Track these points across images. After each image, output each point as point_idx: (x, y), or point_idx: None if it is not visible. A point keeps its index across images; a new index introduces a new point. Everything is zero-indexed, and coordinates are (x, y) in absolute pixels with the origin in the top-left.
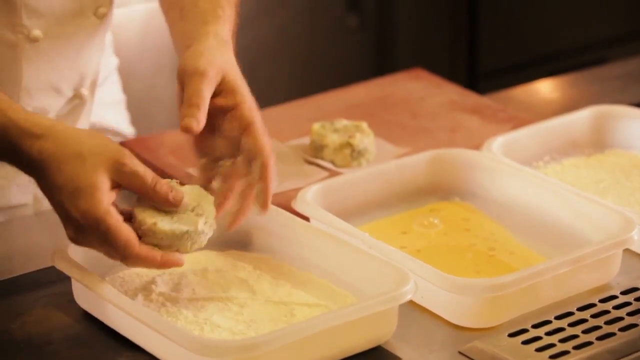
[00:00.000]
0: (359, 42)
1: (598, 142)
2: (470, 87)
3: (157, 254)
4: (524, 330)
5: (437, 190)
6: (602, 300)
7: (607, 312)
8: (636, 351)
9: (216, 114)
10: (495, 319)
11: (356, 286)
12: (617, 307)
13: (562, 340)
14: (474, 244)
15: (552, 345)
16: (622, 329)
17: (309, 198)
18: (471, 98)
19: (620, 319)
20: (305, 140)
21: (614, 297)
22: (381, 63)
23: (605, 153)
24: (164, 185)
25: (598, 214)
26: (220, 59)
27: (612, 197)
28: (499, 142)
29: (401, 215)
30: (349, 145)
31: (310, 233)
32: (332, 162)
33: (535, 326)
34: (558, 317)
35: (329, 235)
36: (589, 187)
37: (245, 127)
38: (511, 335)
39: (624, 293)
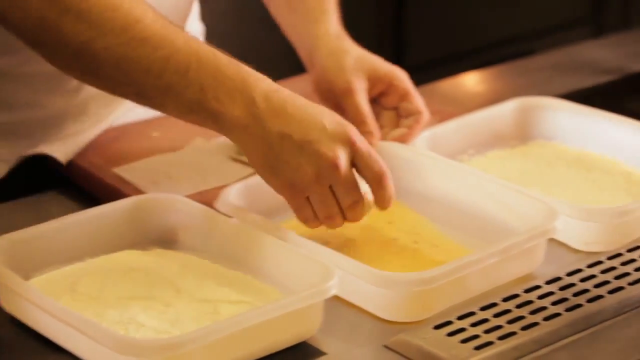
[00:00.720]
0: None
1: (522, 133)
2: None
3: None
4: (449, 322)
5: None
6: (527, 291)
7: (531, 302)
8: (560, 340)
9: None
10: (422, 313)
11: (282, 282)
12: (541, 297)
13: (487, 331)
14: (398, 237)
15: (476, 337)
16: (546, 319)
17: (231, 197)
18: None
19: (544, 308)
20: None
21: (538, 287)
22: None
23: (530, 144)
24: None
25: (522, 204)
26: (351, 61)
27: (536, 187)
28: (424, 136)
29: None
30: None
31: (235, 231)
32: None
33: (460, 318)
34: (483, 308)
35: (254, 232)
36: (513, 179)
37: (403, 96)
38: (436, 327)
39: (547, 283)
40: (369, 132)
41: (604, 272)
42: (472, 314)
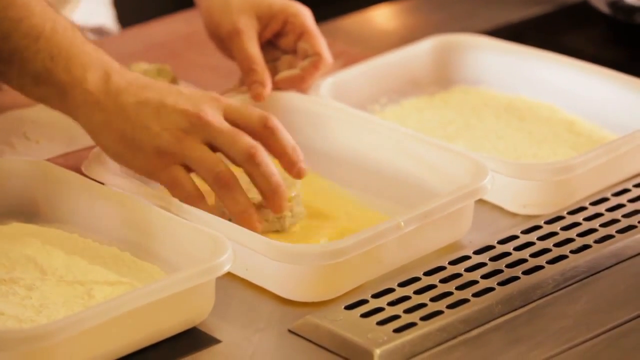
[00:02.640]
0: None
1: (442, 78)
2: None
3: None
4: (364, 302)
5: None
6: (453, 262)
7: (458, 275)
8: (493, 319)
9: (271, 39)
10: (332, 291)
11: (165, 259)
12: (469, 269)
13: (408, 311)
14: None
15: (396, 317)
16: (476, 294)
17: (102, 159)
18: None
19: (474, 282)
20: None
21: (467, 257)
22: None
23: (451, 90)
24: None
25: (445, 161)
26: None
27: (462, 141)
28: (327, 83)
29: None
30: None
31: (107, 199)
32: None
33: (375, 296)
34: (402, 284)
35: (131, 200)
36: (434, 132)
37: (300, 35)
38: (348, 307)
39: (477, 252)
40: (258, 82)
41: (542, 238)
42: (390, 290)
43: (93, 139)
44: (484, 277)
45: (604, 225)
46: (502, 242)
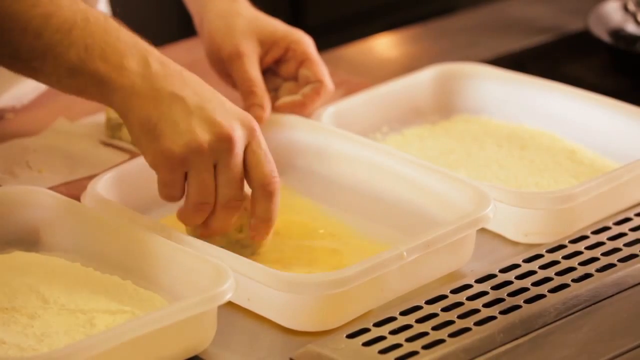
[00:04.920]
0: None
1: (444, 107)
2: None
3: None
4: (365, 330)
5: None
6: (454, 291)
7: (460, 304)
8: (494, 348)
9: (272, 67)
10: (334, 320)
11: (166, 288)
12: (471, 298)
13: (410, 339)
14: (297, 233)
15: (398, 346)
16: (478, 323)
17: (100, 189)
18: None
19: (476, 311)
20: (100, 118)
21: (468, 286)
22: (188, 23)
23: (453, 119)
24: None
25: (447, 190)
26: (241, 23)
27: (463, 170)
28: (329, 112)
29: None
30: None
31: (110, 228)
32: (133, 143)
33: (377, 324)
34: (404, 313)
35: (132, 230)
36: (436, 160)
37: (302, 62)
38: (350, 336)
39: (478, 281)
40: (257, 105)
41: (544, 267)
42: (391, 319)
43: (123, 122)
44: (486, 305)
45: (605, 254)
46: (504, 270)
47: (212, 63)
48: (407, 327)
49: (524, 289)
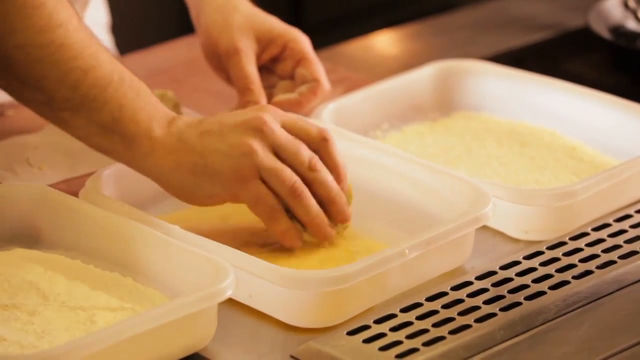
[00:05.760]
0: None
1: (444, 104)
2: None
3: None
4: (366, 327)
5: None
6: (455, 288)
7: (460, 301)
8: (495, 345)
9: (268, 64)
10: (335, 317)
11: (167, 284)
12: (471, 295)
13: (410, 336)
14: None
15: (398, 343)
16: (478, 320)
17: (100, 185)
18: None
19: (476, 308)
20: None
21: (468, 283)
22: (187, 20)
23: (453, 116)
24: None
25: (447, 187)
26: (239, 18)
27: (463, 167)
28: (329, 109)
29: None
30: None
31: (110, 225)
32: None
33: (377, 321)
34: (404, 310)
35: (132, 227)
36: (436, 157)
37: (299, 61)
38: (351, 333)
39: (479, 278)
40: (253, 102)
41: (544, 264)
42: (392, 316)
43: (165, 187)
44: (486, 302)
45: (606, 251)
46: (504, 267)
47: (207, 57)
48: (408, 324)
49: (524, 286)
